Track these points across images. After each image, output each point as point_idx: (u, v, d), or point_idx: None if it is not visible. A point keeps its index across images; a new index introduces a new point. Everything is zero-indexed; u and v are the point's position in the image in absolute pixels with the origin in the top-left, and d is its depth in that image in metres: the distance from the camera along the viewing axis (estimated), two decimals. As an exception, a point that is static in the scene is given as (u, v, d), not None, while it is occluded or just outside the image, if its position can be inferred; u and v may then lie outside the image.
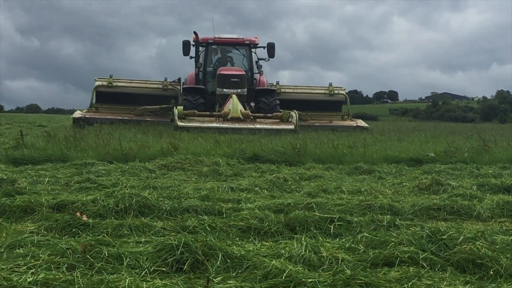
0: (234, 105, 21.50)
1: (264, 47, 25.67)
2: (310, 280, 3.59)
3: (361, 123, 25.43)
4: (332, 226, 5.10)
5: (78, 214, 5.43)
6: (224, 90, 22.99)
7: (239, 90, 22.84)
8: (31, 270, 3.59)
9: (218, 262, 3.85)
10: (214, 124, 20.30)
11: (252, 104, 23.78)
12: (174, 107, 21.80)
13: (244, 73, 24.01)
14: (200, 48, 25.58)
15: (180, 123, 19.98)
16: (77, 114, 24.31)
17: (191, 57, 25.80)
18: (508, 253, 4.09)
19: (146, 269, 3.76)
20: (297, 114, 21.10)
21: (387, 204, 6.17)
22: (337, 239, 4.73)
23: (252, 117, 21.79)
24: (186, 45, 25.38)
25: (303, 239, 4.40)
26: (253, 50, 26.08)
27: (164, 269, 3.80)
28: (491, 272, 3.81)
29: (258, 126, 20.27)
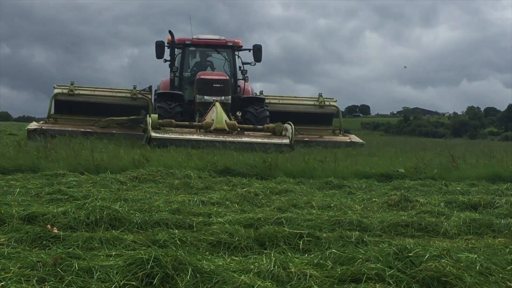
0: (218, 114, 18.57)
1: (249, 50, 23.05)
2: (278, 296, 3.65)
3: (355, 138, 23.12)
4: (301, 242, 5.15)
5: (48, 226, 5.42)
6: (205, 97, 20.17)
7: (222, 98, 20.07)
8: (1, 283, 3.59)
9: (188, 277, 3.87)
10: (195, 136, 17.60)
11: (239, 113, 20.73)
12: (148, 116, 18.63)
13: (227, 78, 21.32)
14: (176, 51, 22.60)
15: (154, 134, 17.13)
16: (33, 125, 21.51)
17: (166, 61, 22.84)
18: (472, 271, 4.18)
19: (116, 283, 3.76)
20: (293, 127, 18.23)
21: (356, 220, 6.22)
22: (306, 255, 4.78)
23: (239, 128, 18.91)
24: (159, 46, 22.48)
25: (272, 255, 4.45)
26: (236, 53, 23.34)
27: (134, 283, 3.80)
28: (455, 290, 3.89)
29: (247, 139, 17.74)
